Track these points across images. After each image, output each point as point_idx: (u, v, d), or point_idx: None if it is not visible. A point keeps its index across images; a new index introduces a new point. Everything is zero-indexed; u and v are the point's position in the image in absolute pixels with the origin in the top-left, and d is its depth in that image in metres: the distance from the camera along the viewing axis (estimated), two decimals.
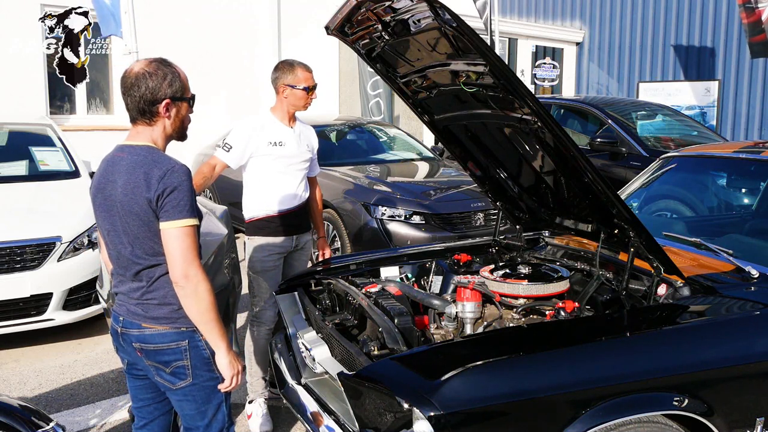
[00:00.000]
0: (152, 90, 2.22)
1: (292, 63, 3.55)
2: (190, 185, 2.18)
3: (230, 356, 2.24)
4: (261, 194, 3.59)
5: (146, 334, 2.25)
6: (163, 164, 2.17)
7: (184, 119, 2.34)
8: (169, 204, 2.13)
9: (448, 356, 2.31)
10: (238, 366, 2.27)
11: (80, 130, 8.48)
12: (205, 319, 2.17)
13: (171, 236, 2.14)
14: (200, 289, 2.14)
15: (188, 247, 2.14)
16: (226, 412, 2.38)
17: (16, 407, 2.26)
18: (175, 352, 2.25)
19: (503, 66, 2.46)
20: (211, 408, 2.32)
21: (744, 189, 4.08)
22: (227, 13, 9.86)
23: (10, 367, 4.47)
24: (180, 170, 2.17)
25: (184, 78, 2.31)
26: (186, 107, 2.32)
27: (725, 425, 2.32)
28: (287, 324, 3.28)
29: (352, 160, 7.16)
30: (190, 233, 2.15)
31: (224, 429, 2.38)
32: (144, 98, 2.23)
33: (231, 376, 2.26)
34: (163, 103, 2.24)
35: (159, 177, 2.14)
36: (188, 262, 2.13)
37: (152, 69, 2.24)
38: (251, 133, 3.51)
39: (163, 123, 2.28)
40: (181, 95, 2.28)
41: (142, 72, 2.23)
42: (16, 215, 5.00)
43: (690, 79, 12.47)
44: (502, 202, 3.54)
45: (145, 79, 2.22)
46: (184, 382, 2.27)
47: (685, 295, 2.65)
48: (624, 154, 7.17)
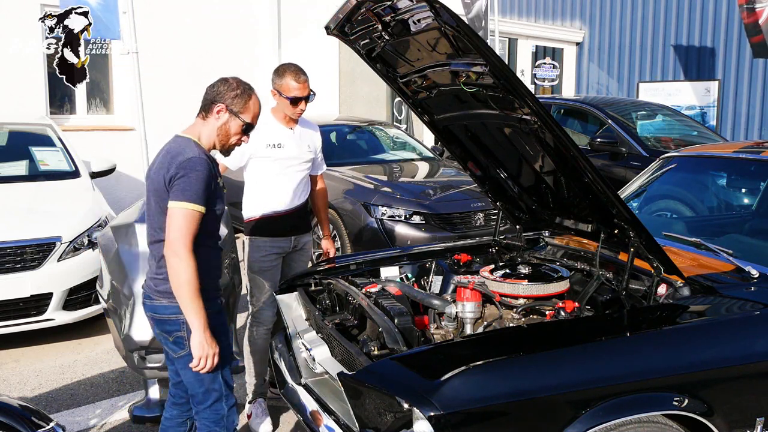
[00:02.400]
0: (218, 92, 2.55)
1: (285, 70, 3.48)
2: (203, 175, 2.41)
3: (203, 337, 2.41)
4: (260, 195, 3.59)
5: (155, 305, 2.54)
6: (187, 152, 2.44)
7: (232, 136, 2.59)
8: (178, 186, 2.39)
9: (448, 356, 2.31)
10: (210, 349, 2.43)
11: (80, 130, 8.47)
12: (181, 295, 2.39)
13: (172, 214, 2.39)
14: (182, 267, 2.36)
15: (184, 227, 2.37)
16: (223, 383, 2.56)
17: (16, 407, 2.26)
18: (175, 324, 2.49)
19: (503, 66, 2.46)
20: (207, 378, 2.51)
21: (744, 189, 4.08)
22: (227, 13, 9.85)
23: (10, 367, 4.47)
24: (198, 161, 2.42)
25: (253, 106, 2.60)
26: (238, 126, 2.57)
27: (725, 425, 2.32)
28: (287, 324, 3.28)
29: (352, 160, 7.16)
30: (189, 216, 2.38)
31: (221, 398, 2.57)
32: (209, 95, 2.57)
33: (199, 357, 2.42)
34: (218, 107, 2.54)
35: (179, 162, 2.41)
36: (179, 240, 2.37)
37: (232, 81, 2.58)
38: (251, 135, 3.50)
39: (212, 124, 2.56)
40: (237, 111, 2.55)
41: (224, 79, 2.59)
42: (16, 215, 5.00)
43: (690, 79, 12.47)
44: (502, 202, 3.54)
45: (221, 83, 2.57)
46: (183, 351, 2.51)
47: (685, 295, 2.65)
48: (624, 154, 7.17)
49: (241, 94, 2.56)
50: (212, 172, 2.48)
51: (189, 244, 2.38)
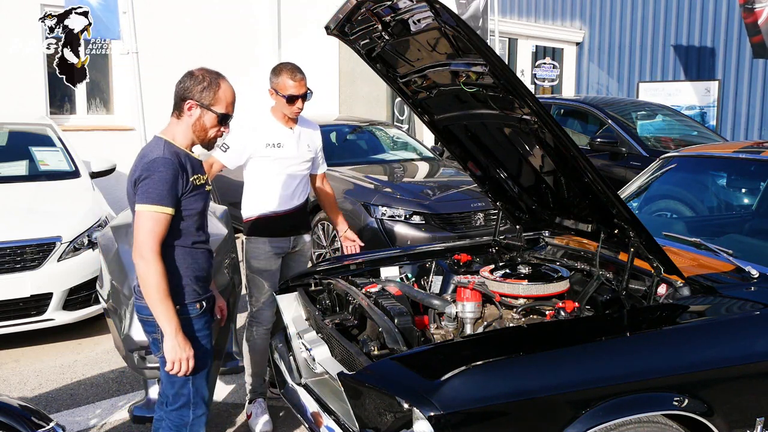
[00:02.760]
0: (185, 88, 2.47)
1: (282, 68, 3.48)
2: (166, 176, 2.35)
3: (175, 341, 2.37)
4: (259, 194, 3.59)
5: (138, 305, 2.53)
6: (152, 154, 2.40)
7: (209, 129, 2.51)
8: (142, 188, 2.36)
9: (448, 356, 2.31)
10: (182, 353, 2.39)
11: (80, 130, 8.47)
12: (150, 298, 2.36)
13: (138, 217, 2.37)
14: (149, 270, 2.33)
15: (149, 230, 2.34)
16: (194, 391, 2.51)
17: (16, 407, 2.26)
18: (153, 325, 2.46)
19: (503, 66, 2.46)
20: (178, 381, 2.49)
21: (744, 189, 4.08)
22: (227, 13, 9.86)
23: (10, 367, 4.47)
24: (161, 161, 2.37)
25: (223, 95, 2.49)
26: (213, 118, 2.49)
27: (725, 425, 2.32)
28: (287, 324, 3.28)
29: (352, 160, 7.16)
30: (155, 218, 2.35)
31: (189, 404, 2.52)
32: (178, 93, 2.49)
33: (172, 361, 2.39)
34: (188, 103, 2.46)
35: (144, 164, 2.38)
36: (145, 243, 2.34)
37: (198, 73, 2.49)
38: (250, 134, 3.51)
39: (186, 122, 2.50)
40: (208, 104, 2.47)
41: (190, 72, 2.50)
42: (16, 215, 5.00)
43: (690, 79, 12.47)
44: (502, 202, 3.54)
45: (187, 78, 2.48)
46: (159, 353, 2.48)
47: (685, 295, 2.65)
48: (624, 154, 7.17)
49: (209, 85, 2.46)
50: (178, 171, 2.40)
51: (156, 247, 2.34)
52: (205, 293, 2.59)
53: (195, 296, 2.52)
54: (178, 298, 2.44)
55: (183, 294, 2.47)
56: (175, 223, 2.42)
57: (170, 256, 2.44)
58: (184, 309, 2.47)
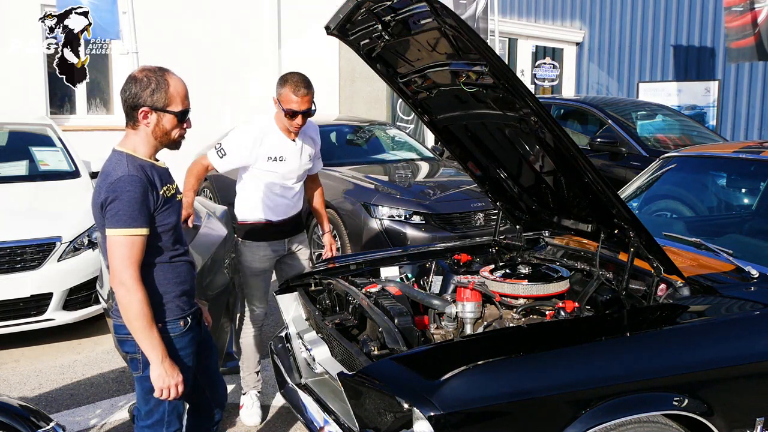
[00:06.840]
0: (134, 95, 2.28)
1: (288, 80, 3.34)
2: (134, 195, 2.21)
3: (162, 368, 2.25)
4: (254, 201, 3.53)
5: (116, 324, 2.39)
6: (116, 172, 2.24)
7: (171, 131, 2.34)
8: (111, 211, 2.22)
9: (448, 356, 2.31)
10: (171, 380, 2.28)
11: (80, 130, 8.48)
12: (134, 327, 2.24)
13: (110, 242, 2.23)
14: (131, 298, 2.20)
15: (124, 255, 2.21)
16: (169, 409, 2.40)
17: (16, 407, 2.26)
18: (132, 345, 2.33)
19: (503, 66, 2.46)
20: (153, 400, 2.38)
21: (744, 189, 4.08)
22: (227, 13, 9.86)
23: (10, 367, 4.47)
24: (128, 180, 2.21)
25: (175, 91, 2.31)
26: (172, 120, 2.32)
27: (725, 425, 2.32)
28: (287, 324, 3.29)
29: (352, 160, 7.16)
30: (128, 242, 2.21)
31: (162, 423, 2.41)
32: (127, 102, 2.30)
33: (160, 388, 2.28)
34: (142, 111, 2.28)
35: (108, 184, 2.23)
36: (122, 270, 2.20)
37: (141, 75, 2.29)
38: (252, 147, 3.41)
39: (144, 131, 2.33)
40: (163, 106, 2.29)
41: (132, 77, 2.30)
42: (16, 215, 5.00)
43: (690, 79, 12.47)
44: (502, 202, 3.54)
45: (132, 84, 2.28)
46: (137, 373, 2.38)
47: (685, 295, 2.65)
48: (624, 154, 7.17)
49: (158, 86, 2.27)
50: (147, 187, 2.25)
51: (135, 273, 2.21)
52: (190, 308, 2.46)
53: (179, 312, 2.40)
54: (161, 316, 2.33)
55: (165, 311, 2.36)
56: (152, 240, 2.29)
57: (151, 274, 2.32)
58: (166, 328, 2.35)
